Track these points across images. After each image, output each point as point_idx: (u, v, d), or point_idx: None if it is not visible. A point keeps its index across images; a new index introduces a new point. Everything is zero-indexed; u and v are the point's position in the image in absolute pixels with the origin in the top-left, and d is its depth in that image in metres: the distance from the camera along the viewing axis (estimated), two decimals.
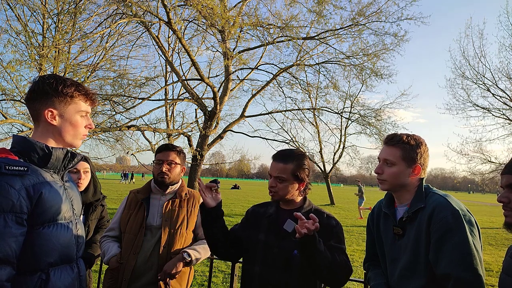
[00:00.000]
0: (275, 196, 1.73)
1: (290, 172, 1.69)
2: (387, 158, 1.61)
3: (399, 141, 1.60)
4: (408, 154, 1.58)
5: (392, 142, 1.62)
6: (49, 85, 1.28)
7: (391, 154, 1.61)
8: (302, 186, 1.74)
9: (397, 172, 1.59)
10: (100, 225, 2.55)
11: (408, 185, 1.60)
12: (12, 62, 6.90)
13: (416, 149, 1.59)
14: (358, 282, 2.07)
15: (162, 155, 2.25)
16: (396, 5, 11.35)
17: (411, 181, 1.60)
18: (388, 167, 1.61)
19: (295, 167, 1.70)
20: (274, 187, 1.71)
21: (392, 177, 1.60)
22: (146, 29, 10.18)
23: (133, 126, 9.98)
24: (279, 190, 1.71)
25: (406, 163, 1.58)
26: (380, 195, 1.67)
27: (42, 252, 1.21)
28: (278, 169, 1.70)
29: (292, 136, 14.81)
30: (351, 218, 14.49)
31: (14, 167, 1.16)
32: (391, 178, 1.60)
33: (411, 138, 1.62)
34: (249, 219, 1.87)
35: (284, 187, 1.70)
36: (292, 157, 1.72)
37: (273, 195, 1.73)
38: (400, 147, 1.59)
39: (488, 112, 14.55)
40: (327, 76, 12.96)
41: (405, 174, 1.59)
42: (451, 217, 1.42)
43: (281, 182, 1.70)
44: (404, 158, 1.58)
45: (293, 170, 1.69)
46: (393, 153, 1.60)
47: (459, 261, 1.36)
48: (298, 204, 1.77)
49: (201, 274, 5.25)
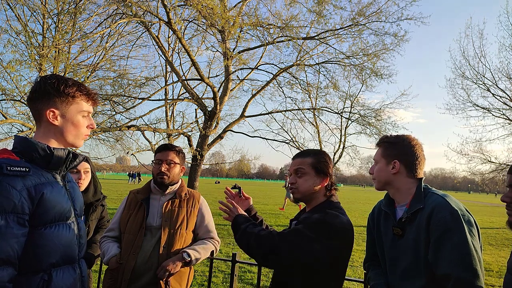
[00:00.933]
0: (296, 193, 1.62)
1: (310, 164, 1.60)
2: (374, 158, 1.73)
3: (381, 141, 1.72)
4: (386, 151, 1.67)
5: (378, 143, 1.74)
6: (51, 85, 1.29)
7: (376, 154, 1.72)
8: (326, 181, 1.61)
9: (378, 169, 1.68)
10: (100, 225, 2.55)
11: (394, 182, 1.64)
12: (12, 62, 6.90)
13: (396, 146, 1.66)
14: (358, 282, 2.07)
15: (161, 155, 2.26)
16: (396, 5, 11.33)
17: (397, 179, 1.63)
18: (375, 165, 1.71)
19: (315, 160, 1.62)
20: (294, 183, 1.62)
21: (376, 175, 1.69)
22: (146, 29, 10.18)
23: (133, 126, 9.97)
24: (300, 185, 1.60)
25: (386, 160, 1.66)
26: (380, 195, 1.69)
27: (44, 253, 1.22)
28: (297, 163, 1.63)
29: (292, 136, 14.78)
30: (351, 218, 14.43)
31: (15, 168, 1.16)
32: (377, 176, 1.69)
33: (393, 136, 1.70)
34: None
35: (304, 181, 1.59)
36: (310, 152, 1.67)
37: (293, 192, 1.63)
38: (382, 145, 1.70)
39: (488, 112, 14.56)
40: (327, 76, 12.96)
41: (386, 170, 1.65)
42: (450, 217, 1.42)
43: (301, 176, 1.60)
44: (383, 155, 1.67)
45: (313, 163, 1.60)
46: (377, 152, 1.72)
47: (459, 261, 1.36)
48: (320, 203, 1.61)
49: (201, 274, 5.25)
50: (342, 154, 20.88)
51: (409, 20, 11.38)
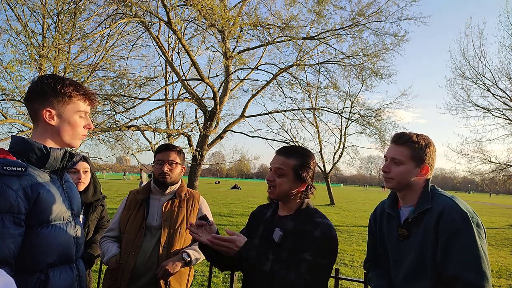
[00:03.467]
0: (272, 194, 1.59)
1: (292, 167, 1.56)
2: (395, 157, 1.61)
3: (408, 140, 1.60)
4: (417, 153, 1.58)
5: (401, 141, 1.62)
6: (48, 85, 1.28)
7: (399, 153, 1.60)
8: (303, 187, 1.59)
9: (404, 171, 1.58)
10: (100, 225, 2.54)
11: (414, 185, 1.60)
12: (12, 62, 6.89)
13: (425, 149, 1.59)
14: (358, 282, 2.06)
15: (162, 155, 2.25)
16: (396, 5, 11.34)
17: (418, 181, 1.59)
18: (396, 165, 1.60)
19: (298, 163, 1.57)
20: (272, 181, 1.58)
21: (399, 176, 1.59)
22: (146, 29, 10.17)
23: (133, 126, 9.96)
24: (277, 185, 1.57)
25: (415, 163, 1.58)
26: (380, 196, 1.65)
27: (41, 253, 1.21)
28: (279, 162, 1.58)
29: (292, 136, 14.80)
30: (351, 218, 14.49)
31: (12, 168, 1.16)
32: (398, 177, 1.59)
33: (420, 137, 1.62)
34: (251, 222, 1.80)
35: (282, 182, 1.56)
36: (296, 153, 1.60)
37: (270, 191, 1.59)
38: (409, 146, 1.59)
39: (488, 112, 14.57)
40: (327, 76, 12.95)
41: (413, 173, 1.58)
42: (460, 219, 1.41)
43: (280, 176, 1.57)
44: (413, 157, 1.58)
45: (295, 166, 1.56)
46: (402, 152, 1.59)
47: (468, 264, 1.36)
48: (295, 208, 1.61)
49: (201, 274, 5.25)
50: (342, 154, 20.93)
51: (409, 20, 11.39)
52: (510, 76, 13.75)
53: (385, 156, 1.68)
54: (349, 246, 8.17)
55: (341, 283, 5.09)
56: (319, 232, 1.48)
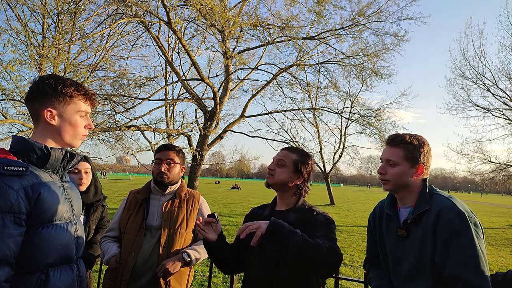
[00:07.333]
0: (270, 179, 1.71)
1: (292, 160, 1.70)
2: (389, 159, 1.61)
3: (401, 141, 1.61)
4: (411, 153, 1.59)
5: (394, 142, 1.63)
6: (49, 85, 1.28)
7: (393, 154, 1.61)
8: (299, 181, 1.71)
9: (400, 172, 1.59)
10: (101, 225, 2.55)
11: (412, 185, 1.60)
12: (12, 62, 6.90)
13: (419, 149, 1.59)
14: (358, 282, 2.06)
15: (160, 154, 2.25)
16: (396, 5, 11.37)
17: (415, 182, 1.60)
18: (391, 167, 1.61)
19: (299, 158, 1.72)
20: (273, 170, 1.71)
21: (395, 177, 1.60)
22: (146, 29, 10.17)
23: (133, 126, 9.96)
24: (276, 174, 1.70)
25: (410, 163, 1.59)
26: (379, 196, 1.66)
27: (41, 253, 1.21)
28: (281, 154, 1.73)
29: (292, 136, 14.80)
30: (351, 218, 14.49)
31: (12, 168, 1.16)
32: (394, 178, 1.60)
33: (413, 138, 1.62)
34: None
35: (282, 172, 1.69)
36: (298, 150, 1.77)
37: (269, 177, 1.72)
38: (403, 147, 1.60)
39: (488, 112, 14.58)
40: (327, 76, 12.96)
41: (408, 174, 1.59)
42: (458, 219, 1.42)
43: (280, 166, 1.70)
44: (407, 158, 1.59)
45: (296, 161, 1.71)
46: (396, 153, 1.60)
47: (467, 264, 1.36)
48: (292, 203, 1.73)
49: (201, 274, 5.25)
50: (342, 154, 20.94)
51: (409, 20, 11.39)
52: (510, 76, 13.75)
53: (380, 158, 1.69)
54: (349, 246, 8.17)
55: (341, 283, 5.09)
56: (322, 217, 1.64)
